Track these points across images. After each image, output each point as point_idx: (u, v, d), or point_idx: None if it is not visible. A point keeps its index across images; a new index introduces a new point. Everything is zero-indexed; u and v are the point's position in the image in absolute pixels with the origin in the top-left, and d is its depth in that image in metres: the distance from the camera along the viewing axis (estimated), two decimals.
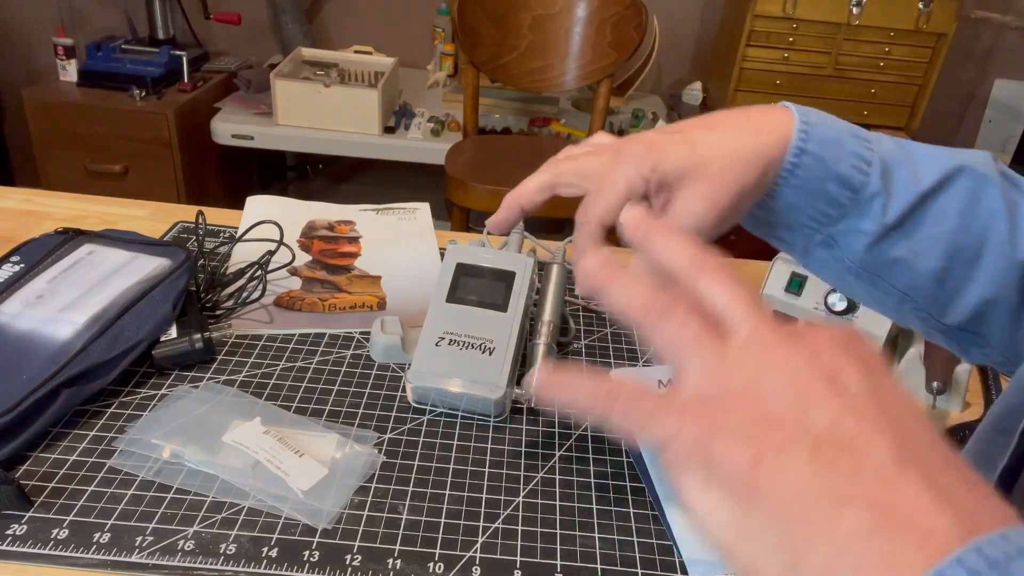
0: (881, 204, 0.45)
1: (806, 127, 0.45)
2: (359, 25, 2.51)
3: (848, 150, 0.45)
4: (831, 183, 0.45)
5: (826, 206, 0.46)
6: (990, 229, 0.46)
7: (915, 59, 2.14)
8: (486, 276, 0.72)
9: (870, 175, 0.45)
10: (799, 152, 0.45)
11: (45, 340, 0.64)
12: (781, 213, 0.47)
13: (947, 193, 0.46)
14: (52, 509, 0.53)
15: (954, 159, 0.47)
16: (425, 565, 0.52)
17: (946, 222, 0.46)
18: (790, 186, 0.45)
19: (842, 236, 0.47)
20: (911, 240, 0.46)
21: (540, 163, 0.53)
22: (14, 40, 2.48)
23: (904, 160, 0.46)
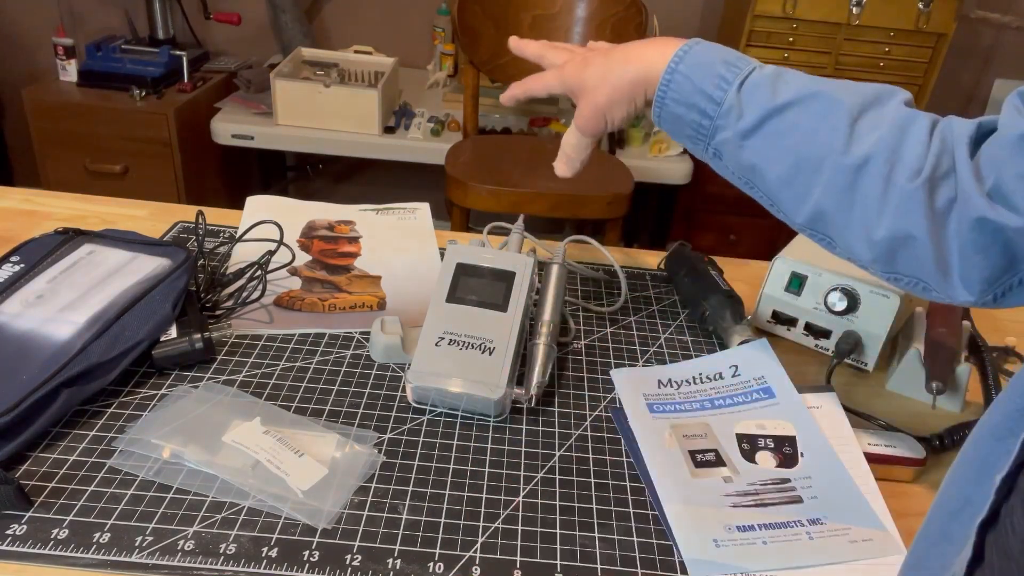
0: (736, 114, 0.57)
1: (684, 53, 0.59)
2: (359, 25, 2.51)
3: (714, 71, 0.58)
4: (698, 97, 0.59)
5: (699, 117, 0.59)
6: (832, 143, 0.54)
7: (915, 59, 2.14)
8: (486, 276, 0.72)
9: (728, 91, 0.57)
10: (671, 71, 0.59)
11: (45, 340, 0.64)
12: (673, 123, 0.61)
13: (795, 110, 0.56)
14: (52, 509, 0.53)
15: (816, 86, 0.57)
16: (425, 565, 0.52)
17: (793, 135, 0.56)
18: (670, 99, 0.60)
19: (721, 146, 0.59)
20: (761, 148, 0.57)
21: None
22: (14, 40, 2.48)
23: (770, 83, 0.57)
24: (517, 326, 0.69)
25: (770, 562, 0.55)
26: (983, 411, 0.73)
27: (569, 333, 0.79)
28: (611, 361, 0.76)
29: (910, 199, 0.52)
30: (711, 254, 0.89)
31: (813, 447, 0.64)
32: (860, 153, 0.54)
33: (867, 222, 0.54)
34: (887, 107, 0.55)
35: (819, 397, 0.69)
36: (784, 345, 0.81)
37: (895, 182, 0.53)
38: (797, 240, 0.82)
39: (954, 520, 0.38)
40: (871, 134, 0.54)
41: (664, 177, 2.12)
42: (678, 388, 0.71)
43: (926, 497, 0.64)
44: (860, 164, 0.54)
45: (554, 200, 1.72)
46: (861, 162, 0.54)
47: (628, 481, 0.61)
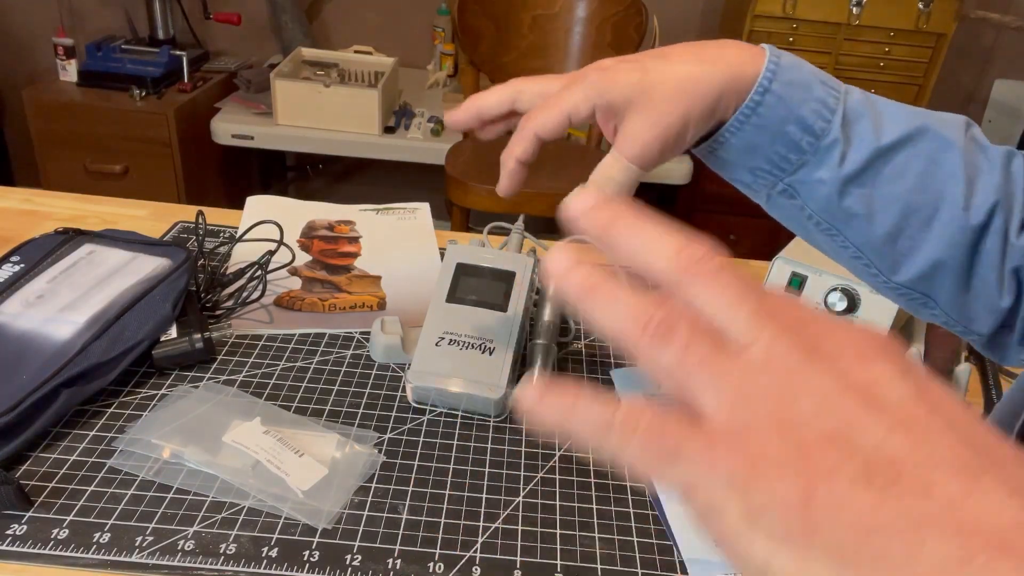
0: (839, 153, 0.46)
1: (775, 67, 0.46)
2: (359, 25, 2.51)
3: (814, 95, 0.46)
4: (792, 125, 0.46)
5: (786, 150, 0.47)
6: (946, 192, 0.46)
7: (915, 59, 2.14)
8: (486, 276, 0.72)
9: (832, 122, 0.46)
10: (763, 90, 0.45)
11: (45, 340, 0.64)
12: (742, 152, 0.48)
13: (906, 152, 0.47)
14: (52, 509, 0.53)
15: (919, 119, 0.47)
16: (425, 565, 0.52)
17: (904, 181, 0.47)
18: (752, 124, 0.46)
19: (802, 186, 0.48)
20: (868, 195, 0.47)
21: (540, 163, 0.53)
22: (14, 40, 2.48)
23: (869, 113, 0.47)
24: (517, 326, 0.69)
25: None
26: (983, 411, 0.73)
27: (569, 333, 0.79)
28: (611, 361, 0.76)
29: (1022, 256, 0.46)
30: None
31: None
32: (983, 206, 0.46)
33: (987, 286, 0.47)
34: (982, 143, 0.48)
35: None
36: None
37: (1010, 238, 0.46)
38: (797, 240, 0.82)
39: None
40: (987, 180, 0.47)
41: (664, 177, 2.12)
42: None
43: None
44: (984, 221, 0.46)
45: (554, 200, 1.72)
46: (985, 219, 0.46)
47: (628, 481, 0.61)
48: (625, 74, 0.46)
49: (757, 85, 0.45)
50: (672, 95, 0.46)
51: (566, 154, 1.89)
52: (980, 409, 0.73)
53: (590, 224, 0.27)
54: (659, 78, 0.46)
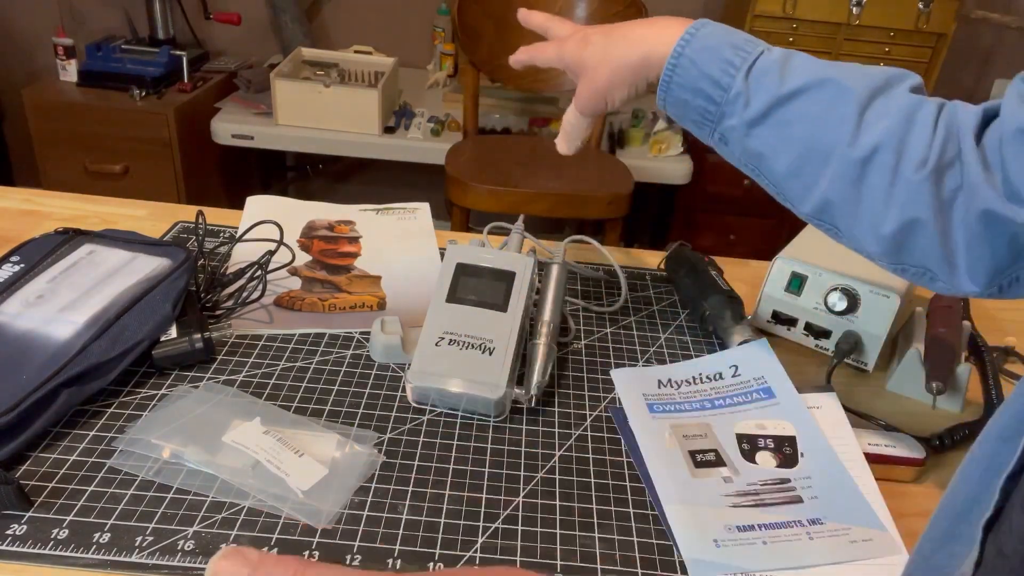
0: (743, 102, 0.56)
1: (689, 37, 0.58)
2: (359, 25, 2.51)
3: (721, 56, 0.57)
4: (704, 82, 0.57)
5: (705, 103, 0.58)
6: (838, 134, 0.54)
7: (915, 59, 2.14)
8: (486, 276, 0.72)
9: (735, 77, 0.56)
10: (677, 55, 0.58)
11: (45, 340, 0.64)
12: (679, 107, 0.60)
13: (805, 99, 0.55)
14: (52, 509, 0.53)
15: (827, 71, 0.55)
16: (425, 565, 0.52)
17: (801, 125, 0.55)
18: (674, 84, 0.58)
19: (727, 132, 0.58)
20: (769, 136, 0.56)
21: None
22: (14, 40, 2.48)
23: (778, 69, 0.56)
24: (517, 326, 0.69)
25: (770, 562, 0.55)
26: (983, 411, 0.73)
27: (569, 333, 0.79)
28: (611, 361, 0.76)
29: (917, 190, 0.52)
30: (711, 254, 0.89)
31: (813, 447, 0.64)
32: (867, 144, 0.53)
33: (874, 215, 0.54)
34: (895, 93, 0.54)
35: (819, 397, 0.69)
36: (784, 345, 0.81)
37: (902, 173, 0.52)
38: (797, 240, 0.82)
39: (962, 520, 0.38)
40: (878, 124, 0.53)
41: (664, 177, 2.12)
42: (678, 388, 0.71)
43: (926, 497, 0.64)
44: (867, 156, 0.53)
45: (554, 200, 1.72)
46: (868, 154, 0.53)
47: (628, 481, 0.61)
48: (577, 46, 0.66)
49: (671, 53, 0.58)
50: (596, 66, 0.64)
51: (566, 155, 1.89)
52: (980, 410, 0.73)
53: None
54: (592, 53, 0.64)
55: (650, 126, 2.22)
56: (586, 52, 0.64)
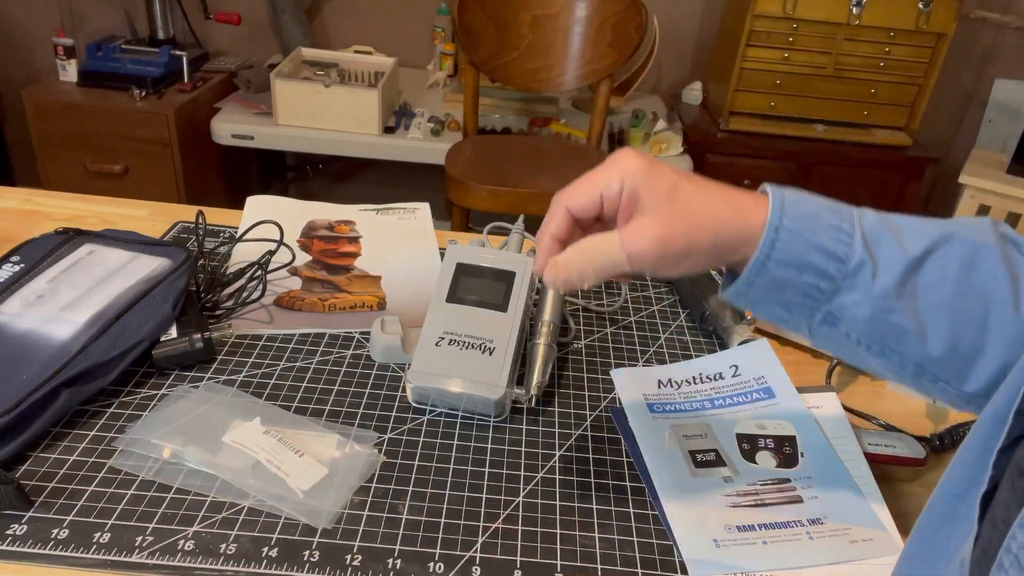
0: (870, 272, 0.46)
1: (780, 203, 0.47)
2: (359, 25, 2.51)
3: (825, 222, 0.47)
4: (815, 255, 0.46)
5: (816, 279, 0.47)
6: (992, 292, 0.46)
7: (915, 59, 2.14)
8: (486, 276, 0.72)
9: (852, 245, 0.47)
10: (775, 228, 0.46)
11: (45, 340, 0.64)
12: (773, 290, 0.48)
13: (938, 260, 0.47)
14: (52, 509, 0.53)
15: (941, 227, 0.48)
16: (425, 565, 0.52)
17: (944, 288, 0.46)
18: (773, 262, 0.47)
19: (841, 311, 0.47)
20: (911, 309, 0.47)
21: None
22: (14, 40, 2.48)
23: (888, 231, 0.48)
24: (517, 326, 0.69)
25: (770, 562, 0.55)
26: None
27: (569, 333, 0.79)
28: (611, 361, 0.76)
29: None
30: None
31: (813, 447, 0.64)
32: None
33: None
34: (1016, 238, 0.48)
35: (819, 397, 0.69)
36: (784, 345, 0.81)
37: None
38: None
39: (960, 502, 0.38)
40: None
41: None
42: (678, 388, 0.71)
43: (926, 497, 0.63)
44: None
45: None
46: None
47: (628, 481, 0.61)
48: (662, 176, 0.48)
49: (767, 226, 0.46)
50: (689, 215, 0.47)
51: (566, 154, 1.89)
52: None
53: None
54: (686, 196, 0.48)
55: (650, 126, 2.22)
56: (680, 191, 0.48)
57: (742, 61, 2.15)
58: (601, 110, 1.93)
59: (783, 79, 2.18)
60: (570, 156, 1.89)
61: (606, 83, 1.92)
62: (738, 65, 2.15)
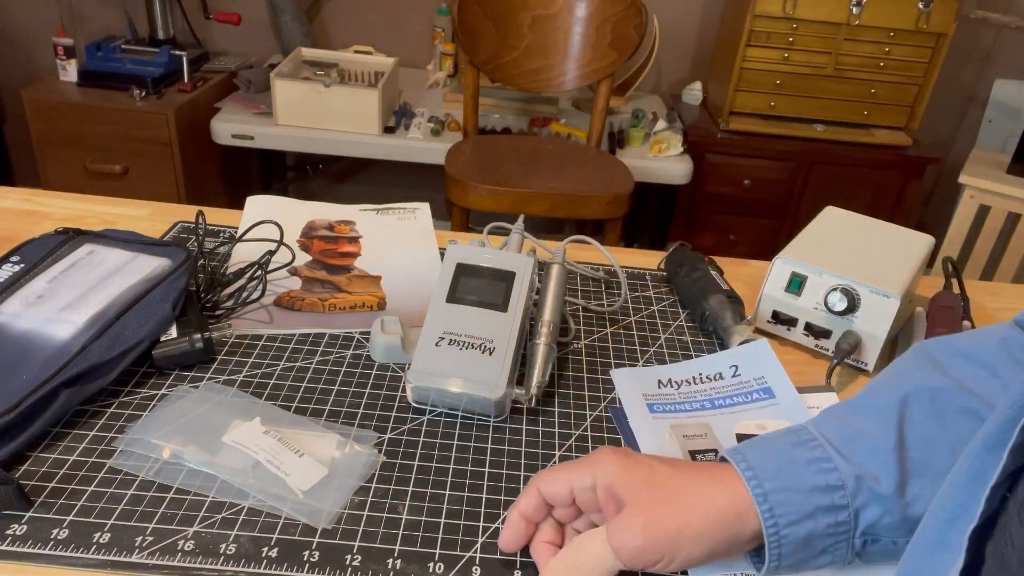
0: (870, 482, 0.47)
1: (750, 469, 0.47)
2: (359, 25, 2.51)
3: (801, 458, 0.47)
4: (814, 496, 0.47)
5: (833, 517, 0.47)
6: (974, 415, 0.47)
7: (915, 59, 2.14)
8: (486, 276, 0.72)
9: (835, 465, 0.47)
10: (762, 497, 0.47)
11: (45, 340, 0.64)
12: (805, 549, 0.47)
13: (913, 428, 0.48)
14: (52, 509, 0.53)
15: (889, 397, 0.49)
16: (425, 565, 0.52)
17: (940, 449, 0.47)
18: (784, 526, 0.46)
19: (874, 529, 0.47)
20: (928, 484, 0.46)
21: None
22: (14, 40, 2.48)
23: (852, 434, 0.48)
24: (517, 326, 0.69)
25: None
26: None
27: (569, 333, 0.79)
28: (611, 361, 0.76)
29: None
30: (711, 254, 0.89)
31: None
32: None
33: None
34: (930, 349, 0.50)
35: (819, 397, 0.69)
36: (784, 345, 0.81)
37: None
38: (797, 240, 0.82)
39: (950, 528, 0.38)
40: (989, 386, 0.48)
41: (664, 177, 2.12)
42: (678, 388, 0.71)
43: None
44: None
45: (554, 200, 1.72)
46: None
47: None
48: (637, 465, 0.49)
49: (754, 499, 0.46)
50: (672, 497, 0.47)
51: (566, 154, 1.90)
52: None
53: None
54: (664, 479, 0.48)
55: (650, 126, 2.22)
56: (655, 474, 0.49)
57: (742, 61, 2.15)
58: (601, 110, 1.93)
59: (783, 79, 2.18)
60: (570, 156, 1.89)
61: (606, 83, 1.92)
62: (738, 65, 2.15)
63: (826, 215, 0.88)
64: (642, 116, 2.26)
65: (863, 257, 0.79)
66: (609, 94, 1.94)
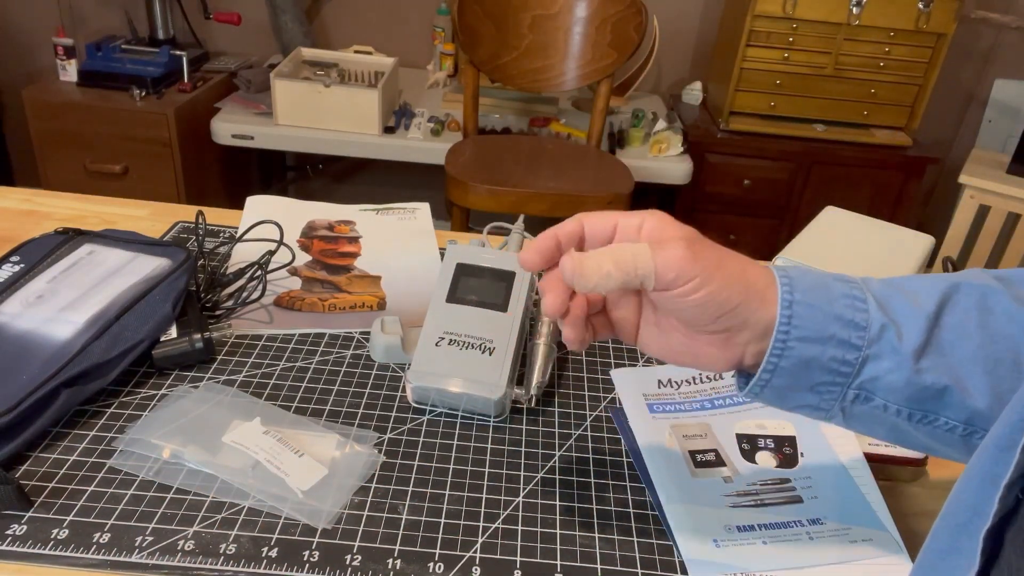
0: (894, 335, 0.45)
1: (788, 279, 0.45)
2: (359, 25, 2.51)
3: (836, 292, 0.46)
4: (834, 325, 0.45)
5: (841, 352, 0.45)
6: (1015, 331, 0.45)
7: (915, 59, 2.14)
8: (486, 276, 0.72)
9: (868, 310, 0.45)
10: (788, 302, 0.45)
11: (45, 340, 0.64)
12: (798, 373, 0.46)
13: (954, 312, 0.46)
14: (52, 509, 0.53)
15: (944, 281, 0.47)
16: (425, 565, 0.52)
17: (970, 339, 0.45)
18: (794, 339, 0.45)
19: (874, 383, 0.46)
20: (945, 367, 0.45)
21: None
22: (14, 40, 2.48)
23: (896, 292, 0.47)
24: (517, 326, 0.69)
25: (770, 562, 0.55)
26: None
27: None
28: (611, 361, 0.76)
29: None
30: None
31: (813, 447, 0.64)
32: None
33: None
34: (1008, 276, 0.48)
35: None
36: None
37: None
38: (797, 240, 0.82)
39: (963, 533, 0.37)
40: None
41: (664, 177, 2.12)
42: (678, 388, 0.71)
43: (926, 497, 0.64)
44: None
45: (554, 200, 1.72)
46: None
47: (628, 481, 0.61)
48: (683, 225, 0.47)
49: (779, 302, 0.45)
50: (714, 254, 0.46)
51: (566, 154, 1.90)
52: None
53: None
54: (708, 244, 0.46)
55: (650, 126, 2.22)
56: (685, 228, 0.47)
57: (742, 61, 2.15)
58: (601, 110, 1.93)
59: (783, 79, 2.18)
60: (570, 156, 1.89)
61: (606, 83, 1.92)
62: (738, 65, 2.15)
63: (826, 215, 0.88)
64: (642, 116, 2.26)
65: (863, 257, 0.79)
66: (609, 94, 1.94)
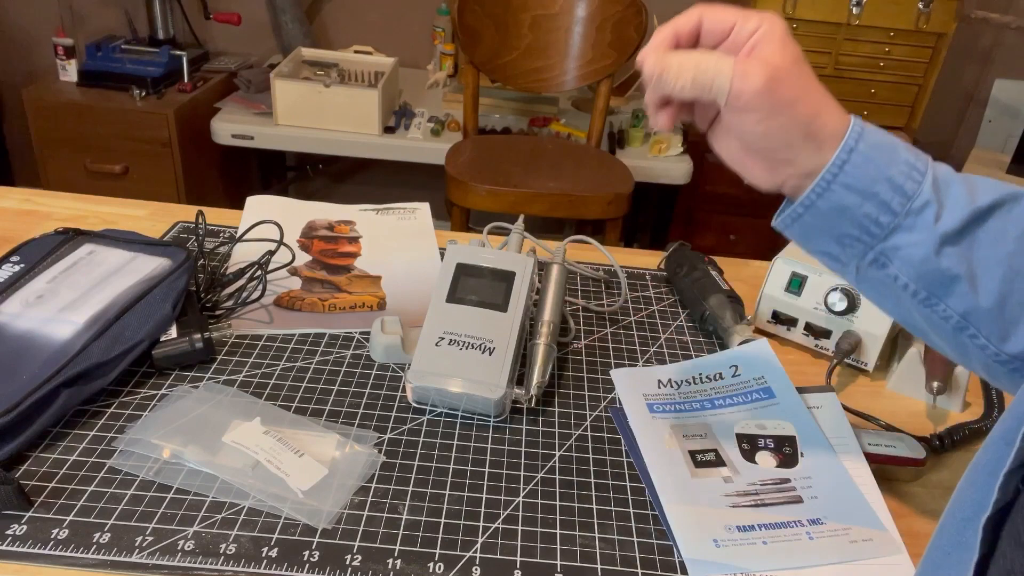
0: (933, 213, 0.45)
1: (860, 129, 0.46)
2: (359, 25, 2.51)
3: (900, 157, 0.46)
4: (882, 185, 0.45)
5: (877, 211, 0.45)
6: None
7: (915, 59, 2.14)
8: (486, 276, 0.72)
9: (923, 183, 0.45)
10: (849, 149, 0.45)
11: (45, 340, 0.64)
12: (831, 216, 0.46)
13: (1004, 215, 0.46)
14: (52, 509, 0.53)
15: (1010, 187, 0.47)
16: (425, 565, 0.52)
17: (1004, 244, 0.45)
18: (839, 183, 0.45)
19: (895, 251, 0.46)
20: (967, 257, 0.45)
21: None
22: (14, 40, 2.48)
23: (959, 180, 0.47)
24: (517, 326, 0.69)
25: (770, 562, 0.55)
26: (983, 411, 0.73)
27: (569, 333, 0.79)
28: (611, 361, 0.76)
29: None
30: (711, 254, 0.89)
31: (813, 447, 0.64)
32: None
33: None
34: None
35: (819, 397, 0.69)
36: (784, 345, 0.81)
37: None
38: None
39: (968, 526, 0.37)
40: None
41: (664, 177, 2.12)
42: (678, 388, 0.71)
43: (926, 497, 0.64)
44: None
45: (554, 200, 1.72)
46: None
47: (628, 481, 0.61)
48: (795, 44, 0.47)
49: (841, 146, 0.45)
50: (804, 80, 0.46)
51: (566, 154, 1.90)
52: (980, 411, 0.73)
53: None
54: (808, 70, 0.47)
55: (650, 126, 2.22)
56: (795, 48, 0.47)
57: None
58: (601, 110, 1.93)
59: None
60: (570, 156, 1.89)
61: (606, 83, 1.92)
62: None
63: None
64: (642, 116, 2.26)
65: None
66: (609, 94, 1.94)
